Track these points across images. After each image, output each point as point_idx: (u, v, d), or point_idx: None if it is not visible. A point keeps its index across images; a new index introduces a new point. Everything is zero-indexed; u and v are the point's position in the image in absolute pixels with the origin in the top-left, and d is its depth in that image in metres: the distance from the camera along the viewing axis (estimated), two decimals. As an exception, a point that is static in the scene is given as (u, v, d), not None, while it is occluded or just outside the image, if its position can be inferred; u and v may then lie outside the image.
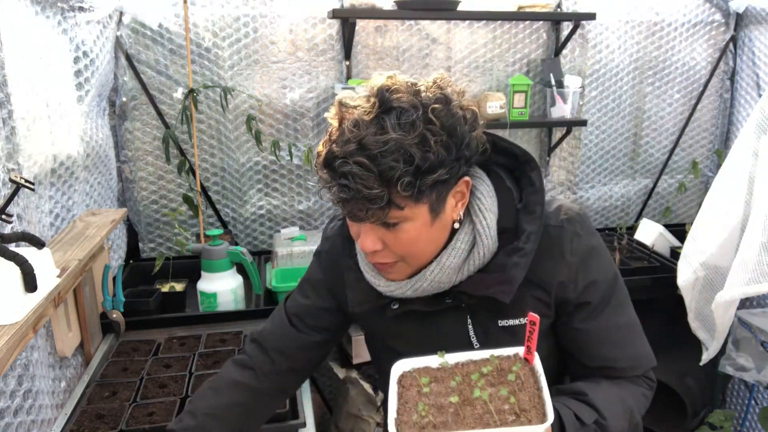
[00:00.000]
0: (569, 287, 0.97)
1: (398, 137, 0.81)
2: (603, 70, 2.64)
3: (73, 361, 1.60)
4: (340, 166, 0.82)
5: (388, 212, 0.85)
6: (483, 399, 0.80)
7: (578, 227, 0.98)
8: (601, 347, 0.99)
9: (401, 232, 0.88)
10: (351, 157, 0.81)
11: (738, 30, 2.69)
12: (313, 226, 2.56)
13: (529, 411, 0.78)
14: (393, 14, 2.29)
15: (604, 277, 0.99)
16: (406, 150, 0.81)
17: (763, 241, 1.67)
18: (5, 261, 1.04)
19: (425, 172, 0.82)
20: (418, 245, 0.91)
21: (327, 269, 1.13)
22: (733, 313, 1.87)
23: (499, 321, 0.98)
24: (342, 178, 0.82)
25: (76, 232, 1.53)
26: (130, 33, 2.16)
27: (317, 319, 1.13)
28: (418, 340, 1.03)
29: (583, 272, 0.97)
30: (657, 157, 2.84)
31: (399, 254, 0.92)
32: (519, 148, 0.98)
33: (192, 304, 2.05)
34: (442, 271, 0.93)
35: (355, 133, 0.82)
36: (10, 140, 1.28)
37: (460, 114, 0.87)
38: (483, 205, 0.95)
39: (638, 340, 1.03)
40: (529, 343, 0.84)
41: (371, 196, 0.81)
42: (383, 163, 0.80)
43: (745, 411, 2.39)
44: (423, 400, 0.82)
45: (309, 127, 2.43)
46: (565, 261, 0.96)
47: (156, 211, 2.38)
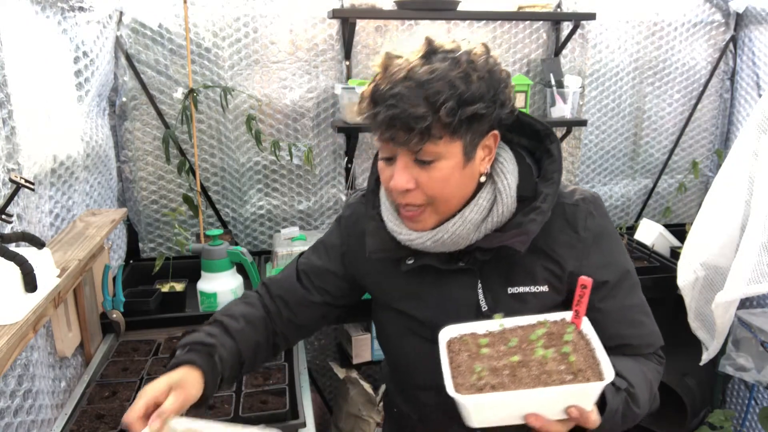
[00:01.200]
0: (582, 262, 1.01)
1: (444, 68, 0.88)
2: (603, 70, 2.64)
3: (73, 361, 1.60)
4: (387, 90, 0.88)
5: (427, 141, 0.89)
6: (538, 360, 0.81)
7: (592, 207, 1.03)
8: (618, 326, 1.02)
9: (435, 170, 0.92)
10: (399, 83, 0.88)
11: (738, 30, 2.69)
12: (313, 226, 2.56)
13: (585, 371, 0.79)
14: (393, 14, 2.29)
15: (619, 257, 1.04)
16: (451, 79, 0.87)
17: (763, 241, 1.67)
18: (5, 261, 1.04)
19: (467, 102, 0.88)
20: (448, 187, 0.94)
21: (344, 236, 1.17)
22: (733, 313, 1.87)
23: (508, 288, 1.02)
24: (390, 99, 0.87)
25: (76, 232, 1.53)
26: (130, 33, 2.16)
27: (323, 281, 1.17)
28: (428, 301, 1.06)
29: (597, 250, 1.01)
30: (657, 157, 2.84)
31: (430, 195, 0.94)
32: (541, 124, 1.04)
33: (192, 304, 2.05)
34: (464, 225, 0.96)
35: (403, 66, 0.90)
36: (10, 140, 1.28)
37: (497, 64, 0.95)
38: (505, 168, 1.00)
39: (650, 319, 1.07)
40: (577, 307, 0.86)
41: (416, 115, 0.86)
42: (430, 87, 0.86)
43: (745, 411, 2.39)
44: (476, 363, 0.83)
45: (309, 127, 2.43)
46: (578, 236, 1.01)
47: (156, 211, 2.38)
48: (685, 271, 2.05)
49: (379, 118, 0.89)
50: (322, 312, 1.19)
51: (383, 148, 0.95)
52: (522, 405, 0.79)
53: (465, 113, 0.88)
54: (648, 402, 0.99)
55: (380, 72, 0.93)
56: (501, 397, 0.77)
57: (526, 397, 0.77)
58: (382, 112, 0.88)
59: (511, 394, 0.77)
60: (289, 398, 1.46)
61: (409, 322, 1.10)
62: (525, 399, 0.78)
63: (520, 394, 0.77)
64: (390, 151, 0.94)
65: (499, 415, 0.80)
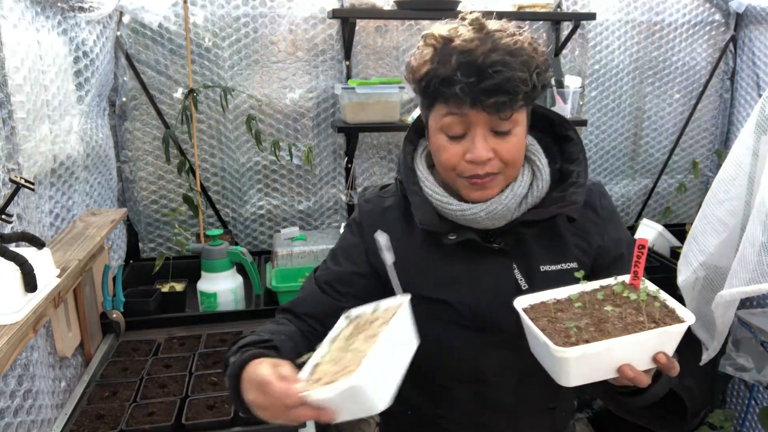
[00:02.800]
0: (605, 237, 1.09)
1: (517, 40, 0.93)
2: (603, 70, 2.64)
3: (73, 361, 1.60)
4: (485, 59, 0.90)
5: (524, 106, 0.95)
6: (617, 315, 0.85)
7: (602, 189, 1.13)
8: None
9: (512, 137, 0.97)
10: (493, 52, 0.91)
11: (738, 30, 2.69)
12: (313, 226, 2.56)
13: (664, 318, 0.84)
14: (393, 14, 2.29)
15: (626, 232, 1.14)
16: (528, 49, 0.93)
17: (763, 241, 1.67)
18: (5, 261, 1.04)
19: (544, 69, 0.95)
20: (521, 153, 1.00)
21: (366, 232, 1.14)
22: (733, 313, 1.87)
23: (540, 266, 1.06)
24: (492, 66, 0.90)
25: (76, 232, 1.53)
26: (130, 33, 2.16)
27: (349, 285, 1.15)
28: (466, 285, 1.06)
29: (613, 226, 1.10)
30: (657, 157, 2.84)
31: (506, 161, 0.98)
32: (556, 114, 1.10)
33: (192, 304, 2.05)
34: (514, 198, 1.01)
35: (480, 39, 0.93)
36: (10, 140, 1.28)
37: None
38: (536, 149, 1.06)
39: None
40: (636, 268, 0.90)
41: (522, 78, 0.90)
42: (523, 54, 0.92)
43: (745, 411, 2.39)
44: (558, 324, 0.87)
45: (309, 127, 2.43)
46: (597, 214, 1.09)
47: (156, 211, 2.38)
48: (684, 271, 2.05)
49: (484, 86, 0.90)
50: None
51: (453, 124, 0.96)
52: (617, 355, 0.82)
53: (544, 80, 0.95)
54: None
55: (429, 51, 0.96)
56: (603, 346, 0.80)
57: (623, 344, 0.81)
58: (486, 80, 0.90)
59: (611, 342, 0.80)
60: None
61: (444, 311, 1.07)
62: (621, 347, 0.81)
63: (620, 341, 0.80)
64: (463, 126, 0.96)
65: (597, 368, 0.84)
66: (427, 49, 0.96)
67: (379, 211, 1.15)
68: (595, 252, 1.09)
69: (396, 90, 2.23)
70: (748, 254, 1.70)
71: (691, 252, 2.04)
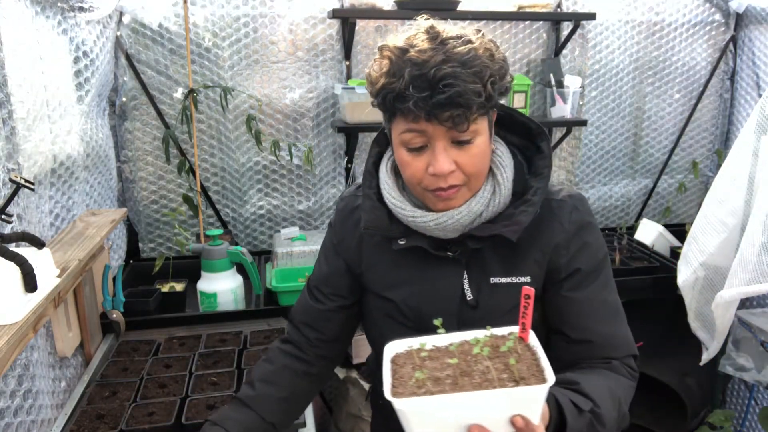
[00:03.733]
0: (562, 253, 1.04)
1: (474, 48, 0.91)
2: (603, 70, 2.64)
3: (73, 361, 1.60)
4: (436, 72, 0.88)
5: (479, 117, 0.93)
6: (481, 370, 0.79)
7: (578, 204, 1.07)
8: (584, 318, 1.04)
9: (473, 148, 0.96)
10: (445, 64, 0.89)
11: (738, 30, 2.69)
12: (313, 226, 2.56)
13: (528, 378, 0.77)
14: (393, 14, 2.29)
15: (595, 249, 1.06)
16: (483, 57, 0.91)
17: (763, 241, 1.67)
18: (5, 261, 1.04)
19: (500, 76, 0.94)
20: (484, 163, 0.99)
21: (337, 229, 1.20)
22: (733, 313, 1.87)
23: (491, 278, 1.05)
24: (442, 80, 0.88)
25: (76, 232, 1.53)
26: (130, 33, 2.16)
27: (331, 286, 1.20)
28: (414, 289, 1.08)
29: (577, 240, 1.04)
30: (657, 157, 2.84)
31: (469, 173, 0.98)
32: (534, 122, 1.07)
33: (192, 304, 2.05)
34: (468, 215, 1.00)
35: (433, 50, 0.90)
36: (10, 140, 1.28)
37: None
38: (503, 161, 1.04)
39: (621, 323, 1.08)
40: (523, 320, 0.84)
41: (476, 90, 0.89)
42: (476, 64, 0.90)
43: (745, 411, 2.39)
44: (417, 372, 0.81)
45: (309, 127, 2.43)
46: (562, 228, 1.04)
47: (156, 211, 2.38)
48: (684, 271, 2.05)
49: (435, 100, 0.89)
50: (341, 317, 1.20)
51: (413, 138, 0.96)
52: (463, 412, 0.76)
53: (501, 87, 0.94)
54: (615, 421, 0.97)
55: (385, 63, 0.94)
56: (438, 400, 0.74)
57: (464, 401, 0.74)
58: (437, 94, 0.89)
59: (449, 397, 0.74)
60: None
61: (394, 311, 1.12)
62: (464, 404, 0.75)
63: (458, 397, 0.74)
64: (423, 139, 0.95)
65: (440, 424, 0.76)
66: (384, 60, 0.95)
67: (349, 209, 1.18)
68: (547, 269, 1.05)
69: (396, 90, 2.22)
70: (748, 254, 1.70)
71: (691, 252, 2.04)
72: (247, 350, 1.68)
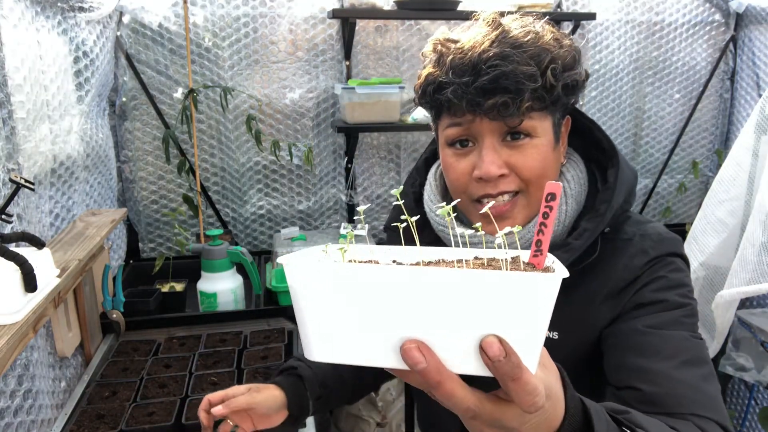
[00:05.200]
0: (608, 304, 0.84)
1: (535, 32, 0.77)
2: (603, 70, 2.64)
3: (73, 361, 1.60)
4: (481, 54, 0.75)
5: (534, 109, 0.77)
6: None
7: (650, 246, 0.85)
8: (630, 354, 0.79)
9: (530, 148, 0.80)
10: (493, 46, 0.75)
11: (738, 30, 2.69)
12: (313, 226, 2.56)
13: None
14: (393, 14, 2.29)
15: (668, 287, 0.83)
16: (546, 42, 0.77)
17: (763, 241, 1.67)
18: (5, 261, 1.04)
19: (566, 66, 0.78)
20: (546, 168, 0.81)
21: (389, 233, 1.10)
22: (733, 313, 1.87)
23: None
24: (487, 62, 0.74)
25: (76, 232, 1.53)
26: (130, 33, 2.16)
27: None
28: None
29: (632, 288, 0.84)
30: (657, 157, 2.84)
31: (526, 179, 0.80)
32: (609, 141, 0.89)
33: (192, 304, 2.05)
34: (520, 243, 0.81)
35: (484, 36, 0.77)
36: (10, 140, 1.28)
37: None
38: (570, 190, 0.85)
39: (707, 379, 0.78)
40: (540, 236, 0.51)
41: (528, 73, 0.74)
42: (532, 47, 0.76)
43: (745, 411, 2.39)
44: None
45: (309, 127, 2.43)
46: (617, 276, 0.84)
47: (156, 211, 2.38)
48: (685, 271, 2.05)
49: (479, 84, 0.75)
50: None
51: (458, 132, 0.81)
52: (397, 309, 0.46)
53: (566, 78, 0.78)
54: None
55: (433, 59, 0.82)
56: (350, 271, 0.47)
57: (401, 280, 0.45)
58: (484, 77, 0.74)
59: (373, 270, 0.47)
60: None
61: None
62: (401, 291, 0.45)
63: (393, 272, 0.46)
64: (469, 134, 0.81)
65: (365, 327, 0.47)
66: (432, 55, 0.83)
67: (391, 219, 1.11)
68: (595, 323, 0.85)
69: (396, 90, 2.23)
70: (748, 254, 1.70)
71: (691, 252, 2.04)
72: (247, 350, 1.68)
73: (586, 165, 0.90)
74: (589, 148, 0.91)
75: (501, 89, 0.75)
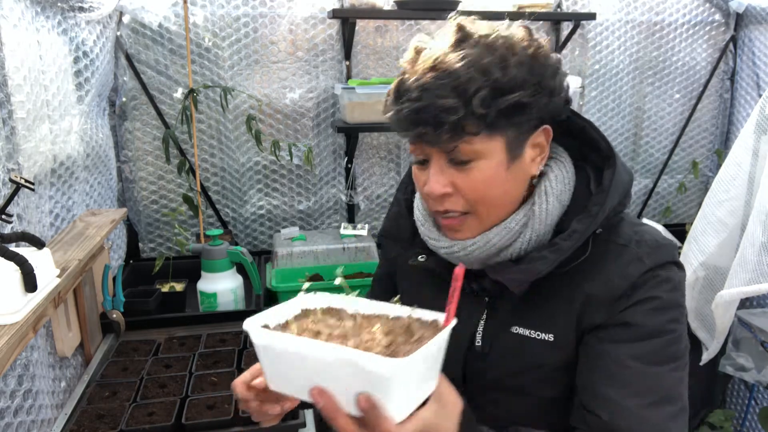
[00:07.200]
0: (600, 311, 0.83)
1: (476, 53, 0.76)
2: (603, 70, 2.64)
3: (73, 361, 1.60)
4: (412, 83, 0.77)
5: (461, 139, 0.77)
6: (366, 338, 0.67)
7: (645, 253, 0.83)
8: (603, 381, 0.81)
9: (475, 171, 0.80)
10: (426, 73, 0.77)
11: (738, 30, 2.69)
12: (313, 226, 2.56)
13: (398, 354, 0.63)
14: (393, 14, 2.29)
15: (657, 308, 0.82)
16: (484, 66, 0.75)
17: (763, 241, 1.67)
18: (5, 261, 1.04)
19: (504, 91, 0.76)
20: (492, 190, 0.81)
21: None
22: (733, 313, 1.87)
23: (513, 326, 0.88)
24: (415, 91, 0.77)
25: (76, 232, 1.53)
26: (130, 33, 2.16)
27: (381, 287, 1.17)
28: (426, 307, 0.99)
29: (627, 299, 0.82)
30: (657, 157, 2.84)
31: (471, 200, 0.82)
32: (606, 142, 0.87)
33: (192, 304, 2.05)
34: (484, 248, 0.84)
35: (430, 56, 0.78)
36: (10, 140, 1.28)
37: (542, 48, 0.82)
38: (552, 188, 0.85)
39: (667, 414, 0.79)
40: (449, 306, 0.69)
41: (445, 107, 0.75)
42: (459, 74, 0.75)
43: (745, 411, 2.39)
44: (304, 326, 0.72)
45: (309, 127, 2.43)
46: (611, 283, 0.82)
47: (156, 211, 2.38)
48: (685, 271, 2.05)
49: (403, 114, 0.78)
50: None
51: (414, 149, 0.84)
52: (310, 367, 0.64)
53: (502, 103, 0.76)
54: None
55: (408, 66, 0.82)
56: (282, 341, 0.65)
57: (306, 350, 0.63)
58: (406, 107, 0.77)
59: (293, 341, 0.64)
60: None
61: None
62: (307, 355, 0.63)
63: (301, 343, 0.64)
64: (422, 153, 0.83)
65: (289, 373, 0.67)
66: (407, 64, 0.84)
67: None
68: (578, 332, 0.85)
69: (396, 90, 2.22)
70: (748, 254, 1.70)
71: (691, 252, 2.04)
72: (247, 350, 1.68)
73: (581, 165, 0.90)
74: (583, 148, 0.90)
75: (422, 120, 0.77)
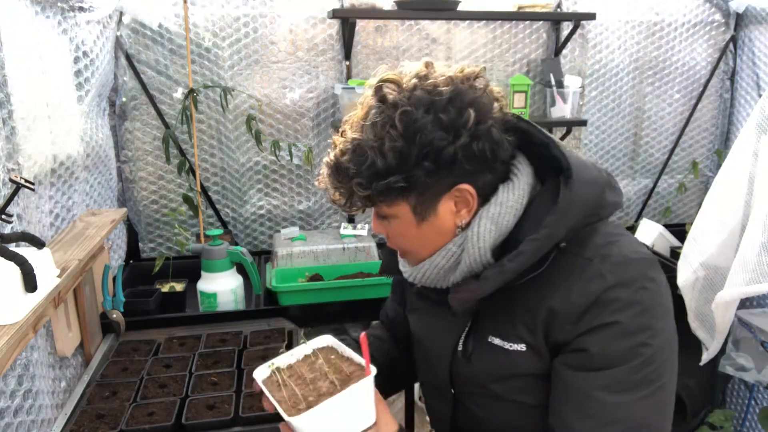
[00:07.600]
0: (565, 328, 0.83)
1: (360, 138, 0.84)
2: (603, 70, 2.64)
3: (73, 361, 1.60)
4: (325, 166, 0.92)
5: (371, 205, 0.90)
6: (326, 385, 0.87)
7: (608, 270, 0.82)
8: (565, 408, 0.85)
9: (393, 226, 0.92)
10: (329, 164, 0.90)
11: (738, 30, 2.69)
12: (313, 226, 2.56)
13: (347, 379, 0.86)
14: (393, 14, 2.29)
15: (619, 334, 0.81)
16: (362, 151, 0.84)
17: (763, 241, 1.67)
18: (5, 261, 1.04)
19: (377, 176, 0.83)
20: (408, 242, 0.93)
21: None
22: (733, 313, 1.87)
23: (489, 336, 0.93)
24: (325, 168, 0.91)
25: (76, 232, 1.53)
26: (130, 33, 2.16)
27: (397, 293, 1.26)
28: (423, 326, 1.09)
29: (589, 319, 0.82)
30: (657, 157, 2.84)
31: (397, 246, 0.96)
32: (566, 160, 0.85)
33: (192, 304, 2.05)
34: (432, 269, 0.92)
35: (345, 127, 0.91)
36: (10, 140, 1.28)
37: (444, 122, 0.81)
38: (489, 215, 0.86)
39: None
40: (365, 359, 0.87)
41: (335, 188, 0.89)
42: (342, 162, 0.86)
43: (745, 411, 2.39)
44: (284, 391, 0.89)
45: (309, 127, 2.43)
46: (571, 299, 0.82)
47: (156, 211, 2.38)
48: (685, 271, 2.05)
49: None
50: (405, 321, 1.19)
51: None
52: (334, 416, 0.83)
53: (378, 187, 0.83)
54: None
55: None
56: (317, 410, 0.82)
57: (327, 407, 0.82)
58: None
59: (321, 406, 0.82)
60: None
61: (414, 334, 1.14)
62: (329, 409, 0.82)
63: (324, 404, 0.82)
64: None
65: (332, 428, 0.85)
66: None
67: None
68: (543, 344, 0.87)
69: (396, 90, 2.22)
70: (748, 254, 1.70)
71: (691, 252, 2.03)
72: (247, 350, 1.68)
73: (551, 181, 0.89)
74: (544, 166, 0.90)
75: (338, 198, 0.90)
